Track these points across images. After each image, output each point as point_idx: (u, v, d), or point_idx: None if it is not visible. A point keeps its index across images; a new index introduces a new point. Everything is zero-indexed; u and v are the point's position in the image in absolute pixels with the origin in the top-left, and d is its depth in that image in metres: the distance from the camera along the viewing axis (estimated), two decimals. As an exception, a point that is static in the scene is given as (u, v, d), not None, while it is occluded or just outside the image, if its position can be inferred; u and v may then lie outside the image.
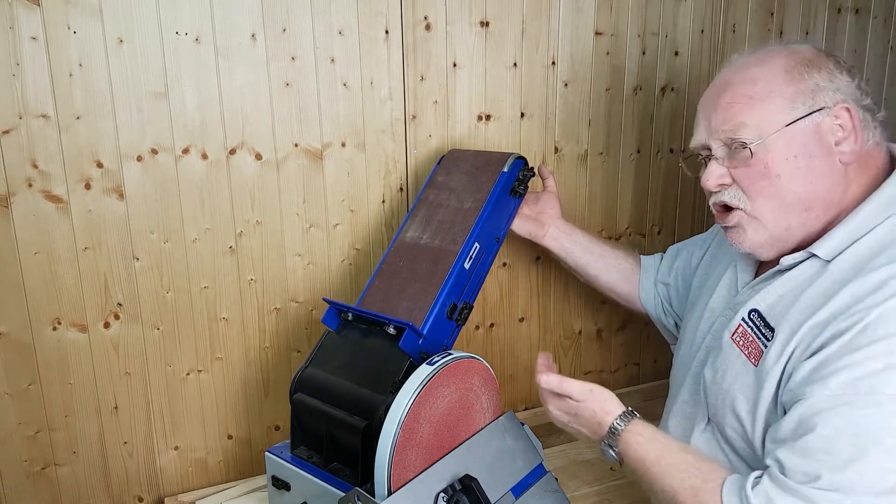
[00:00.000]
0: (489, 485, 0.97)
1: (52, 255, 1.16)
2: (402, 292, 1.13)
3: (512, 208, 1.25)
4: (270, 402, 1.37)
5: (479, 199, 1.19)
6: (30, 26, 1.08)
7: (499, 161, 1.23)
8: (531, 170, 1.25)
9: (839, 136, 0.92)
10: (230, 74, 1.20)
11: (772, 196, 0.93)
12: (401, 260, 1.18)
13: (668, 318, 1.31)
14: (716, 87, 0.98)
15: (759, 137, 0.92)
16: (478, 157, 1.26)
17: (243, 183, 1.25)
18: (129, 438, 1.29)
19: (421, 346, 1.05)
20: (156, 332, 1.26)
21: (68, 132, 1.13)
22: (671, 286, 1.30)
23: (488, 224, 1.18)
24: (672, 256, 1.32)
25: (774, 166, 0.92)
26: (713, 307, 1.09)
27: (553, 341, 1.60)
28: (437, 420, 0.97)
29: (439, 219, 1.20)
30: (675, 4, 1.51)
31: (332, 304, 1.11)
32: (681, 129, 1.59)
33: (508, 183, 1.22)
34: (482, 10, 1.34)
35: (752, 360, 0.95)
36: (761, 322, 0.96)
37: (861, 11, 1.71)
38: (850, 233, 0.91)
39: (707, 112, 0.98)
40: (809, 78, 0.92)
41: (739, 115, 0.93)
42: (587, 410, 0.98)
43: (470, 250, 1.15)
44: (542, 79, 1.42)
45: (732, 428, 0.98)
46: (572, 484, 1.32)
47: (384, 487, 0.92)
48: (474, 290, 1.18)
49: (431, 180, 1.27)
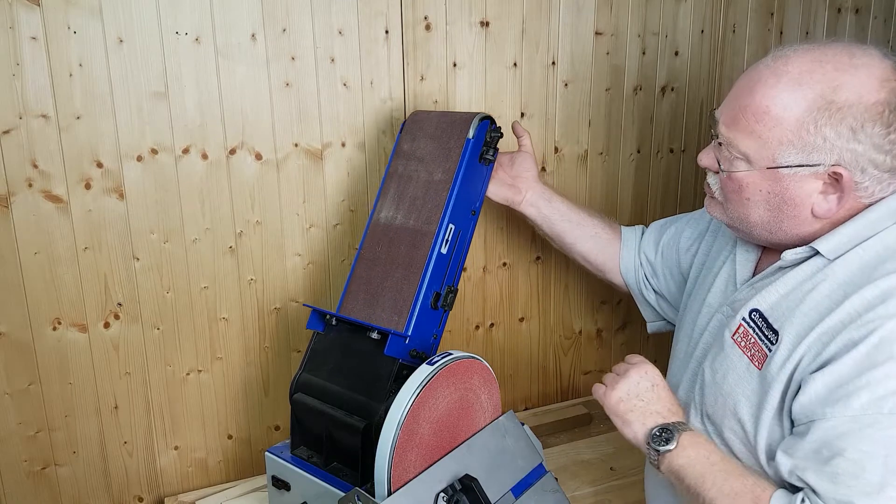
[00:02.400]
0: (489, 485, 0.97)
1: (52, 255, 1.16)
2: (385, 281, 1.11)
3: (484, 176, 1.19)
4: (270, 402, 1.37)
5: (449, 168, 1.12)
6: (30, 26, 1.08)
7: (464, 122, 1.14)
8: (499, 130, 1.17)
9: (818, 196, 0.88)
10: (230, 74, 1.20)
11: (739, 209, 0.94)
12: (378, 245, 1.14)
13: (648, 292, 1.28)
14: (751, 78, 0.91)
15: (745, 159, 0.91)
16: (442, 119, 1.18)
17: (243, 183, 1.25)
18: (129, 438, 1.29)
19: (408, 345, 1.04)
20: (156, 332, 1.26)
21: (68, 132, 1.13)
22: (655, 263, 1.26)
23: (460, 199, 1.12)
24: (657, 232, 1.27)
25: (747, 190, 0.92)
26: (710, 302, 1.06)
27: (553, 341, 1.60)
28: (437, 420, 0.97)
29: (411, 194, 1.15)
30: (675, 4, 1.51)
31: (315, 310, 1.10)
32: (681, 128, 1.59)
33: (476, 149, 1.14)
34: (482, 9, 1.34)
35: (755, 362, 0.93)
36: (763, 323, 0.94)
37: (861, 11, 1.71)
38: (857, 231, 0.88)
39: (732, 98, 0.93)
40: (824, 130, 0.85)
41: (740, 130, 0.90)
42: (659, 394, 0.99)
43: (444, 233, 1.09)
44: (542, 79, 1.42)
45: (731, 430, 0.96)
46: (572, 484, 1.32)
47: (384, 487, 0.92)
48: (457, 271, 1.14)
49: (397, 149, 1.20)
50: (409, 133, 1.20)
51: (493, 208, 1.45)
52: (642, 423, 0.98)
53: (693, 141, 1.60)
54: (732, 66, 1.60)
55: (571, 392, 1.65)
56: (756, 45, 1.61)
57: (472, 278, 1.48)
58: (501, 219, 1.47)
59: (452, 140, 1.14)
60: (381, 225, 1.15)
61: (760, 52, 1.61)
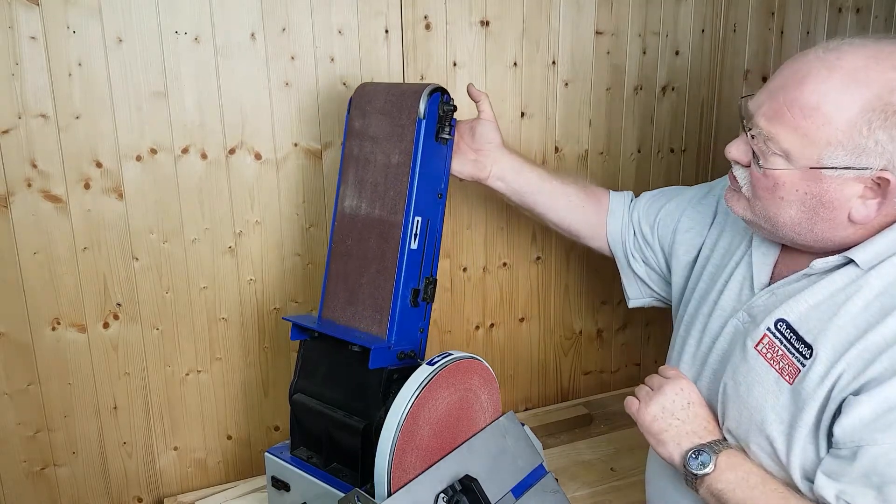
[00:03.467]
0: (489, 485, 0.97)
1: (51, 255, 1.16)
2: (361, 277, 1.08)
3: (445, 155, 1.09)
4: (270, 402, 1.37)
5: (405, 149, 1.05)
6: (29, 26, 1.07)
7: (414, 95, 1.05)
8: (450, 103, 1.07)
9: (857, 201, 0.83)
10: (230, 74, 1.20)
11: (769, 208, 0.89)
12: (348, 238, 1.10)
13: (637, 264, 1.21)
14: (799, 70, 0.84)
15: (784, 156, 0.84)
16: (391, 92, 1.09)
17: (243, 183, 1.25)
18: (128, 439, 1.29)
19: (394, 350, 1.02)
20: (155, 333, 1.26)
21: (67, 132, 1.13)
22: (647, 235, 1.19)
23: (423, 187, 1.05)
24: (651, 203, 1.20)
25: (782, 189, 0.86)
26: (723, 305, 1.01)
27: (553, 341, 1.60)
28: (437, 421, 0.97)
29: (371, 180, 1.08)
30: (676, 4, 1.50)
31: (295, 324, 1.08)
32: (681, 128, 1.59)
33: (430, 129, 1.05)
34: (482, 9, 1.34)
35: (785, 377, 0.88)
36: (792, 335, 0.88)
37: (862, 10, 1.70)
38: (895, 242, 0.84)
39: (775, 89, 0.86)
40: (877, 133, 0.80)
41: (783, 125, 0.84)
42: (696, 412, 0.95)
43: (412, 227, 1.04)
44: (542, 78, 1.42)
45: (758, 445, 0.91)
46: (572, 484, 1.32)
47: (384, 488, 0.91)
48: (432, 261, 1.09)
49: (349, 127, 1.12)
50: (359, 108, 1.11)
51: (493, 209, 1.45)
52: (677, 443, 0.94)
53: (693, 141, 1.60)
54: (733, 66, 1.59)
55: (572, 392, 1.65)
56: (757, 45, 1.61)
57: (472, 278, 1.47)
58: (501, 219, 1.47)
59: (404, 116, 1.05)
60: (347, 215, 1.11)
61: (761, 51, 1.61)
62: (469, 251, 1.46)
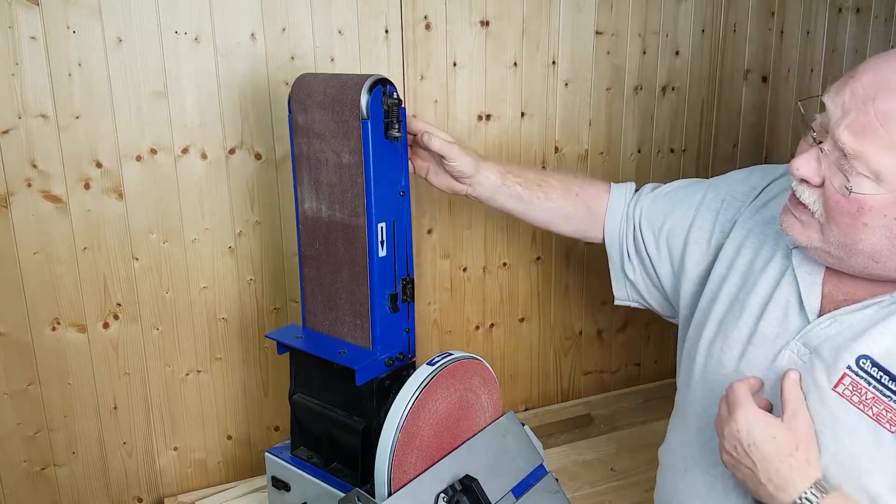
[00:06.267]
0: (489, 485, 0.97)
1: (51, 255, 1.16)
2: (335, 282, 1.06)
3: (399, 151, 1.02)
4: (270, 402, 1.37)
5: (354, 148, 0.98)
6: (29, 26, 1.07)
7: (355, 87, 0.97)
8: (393, 95, 0.98)
9: None
10: (229, 74, 1.20)
11: (849, 234, 0.78)
12: (315, 241, 1.07)
13: (630, 267, 1.13)
14: (883, 77, 0.73)
15: (873, 177, 0.74)
16: (330, 84, 1.01)
17: (243, 183, 1.25)
18: (128, 439, 1.29)
19: (381, 358, 1.01)
20: (155, 333, 1.26)
21: (67, 132, 1.13)
22: (649, 252, 1.10)
23: (381, 191, 0.99)
24: (656, 215, 1.10)
25: (866, 215, 0.76)
26: (765, 332, 0.89)
27: (553, 341, 1.60)
28: (438, 421, 0.97)
29: (326, 181, 1.03)
30: (676, 4, 1.50)
31: (280, 343, 1.07)
32: (681, 128, 1.59)
33: (377, 128, 0.97)
34: (482, 9, 1.34)
35: (884, 424, 0.78)
36: (882, 373, 0.78)
37: (862, 11, 1.70)
38: None
39: (862, 99, 0.74)
40: None
41: (875, 142, 0.73)
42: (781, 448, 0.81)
43: (377, 235, 0.99)
44: (542, 78, 1.42)
45: (855, 498, 0.81)
46: (572, 484, 1.32)
47: (384, 488, 0.91)
48: (406, 262, 1.05)
49: (293, 123, 1.06)
50: (299, 102, 1.04)
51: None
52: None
53: (693, 141, 1.60)
54: (733, 66, 1.60)
55: (572, 392, 1.65)
56: (757, 45, 1.61)
57: (472, 278, 1.47)
58: (501, 219, 1.46)
59: (346, 111, 0.98)
60: (310, 218, 1.07)
61: (761, 51, 1.61)
62: (469, 251, 1.46)
